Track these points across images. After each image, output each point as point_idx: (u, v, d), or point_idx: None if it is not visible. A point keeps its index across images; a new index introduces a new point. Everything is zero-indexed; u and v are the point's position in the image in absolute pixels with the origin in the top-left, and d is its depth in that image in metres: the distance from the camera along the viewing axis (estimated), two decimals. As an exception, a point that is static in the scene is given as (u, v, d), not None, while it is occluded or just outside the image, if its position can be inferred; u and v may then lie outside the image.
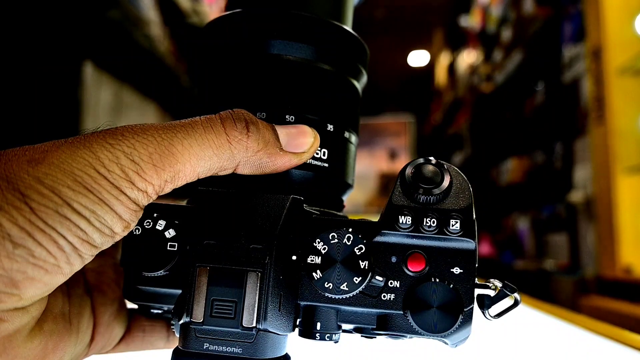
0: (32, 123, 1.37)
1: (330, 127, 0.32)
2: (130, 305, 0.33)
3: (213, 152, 0.25)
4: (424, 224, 0.27)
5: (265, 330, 0.26)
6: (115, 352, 0.33)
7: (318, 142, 0.30)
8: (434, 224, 0.27)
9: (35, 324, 0.25)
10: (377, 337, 0.29)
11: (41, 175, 0.22)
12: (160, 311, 0.32)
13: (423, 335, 0.27)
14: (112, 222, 0.23)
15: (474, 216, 0.28)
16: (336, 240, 0.27)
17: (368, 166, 5.41)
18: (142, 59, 1.79)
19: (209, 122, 0.26)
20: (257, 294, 0.25)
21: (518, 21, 2.62)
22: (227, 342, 0.26)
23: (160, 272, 0.28)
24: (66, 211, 0.22)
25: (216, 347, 0.26)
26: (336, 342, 0.28)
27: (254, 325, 0.25)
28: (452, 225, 0.27)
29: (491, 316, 0.28)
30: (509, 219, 2.93)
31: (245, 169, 0.27)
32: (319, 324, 0.27)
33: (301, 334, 0.28)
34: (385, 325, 0.28)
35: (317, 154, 0.31)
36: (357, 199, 5.17)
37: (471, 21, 3.88)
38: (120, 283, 0.32)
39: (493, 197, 3.16)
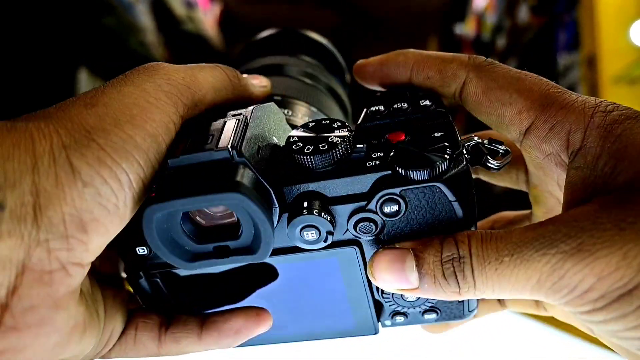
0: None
1: None
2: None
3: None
4: (396, 106, 0.29)
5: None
6: (111, 356, 0.31)
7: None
8: (405, 106, 0.29)
9: (80, 292, 0.24)
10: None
11: (101, 114, 0.23)
12: (145, 252, 0.29)
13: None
14: (159, 153, 0.24)
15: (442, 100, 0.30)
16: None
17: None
18: (137, 66, 1.78)
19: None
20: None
21: (513, 29, 2.64)
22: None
23: None
24: (130, 147, 0.22)
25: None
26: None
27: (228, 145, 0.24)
28: (422, 102, 0.29)
29: (495, 166, 0.28)
30: (504, 227, 2.94)
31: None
32: (305, 202, 0.26)
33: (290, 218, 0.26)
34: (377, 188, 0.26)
35: None
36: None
37: (466, 29, 3.90)
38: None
39: (488, 203, 3.16)
